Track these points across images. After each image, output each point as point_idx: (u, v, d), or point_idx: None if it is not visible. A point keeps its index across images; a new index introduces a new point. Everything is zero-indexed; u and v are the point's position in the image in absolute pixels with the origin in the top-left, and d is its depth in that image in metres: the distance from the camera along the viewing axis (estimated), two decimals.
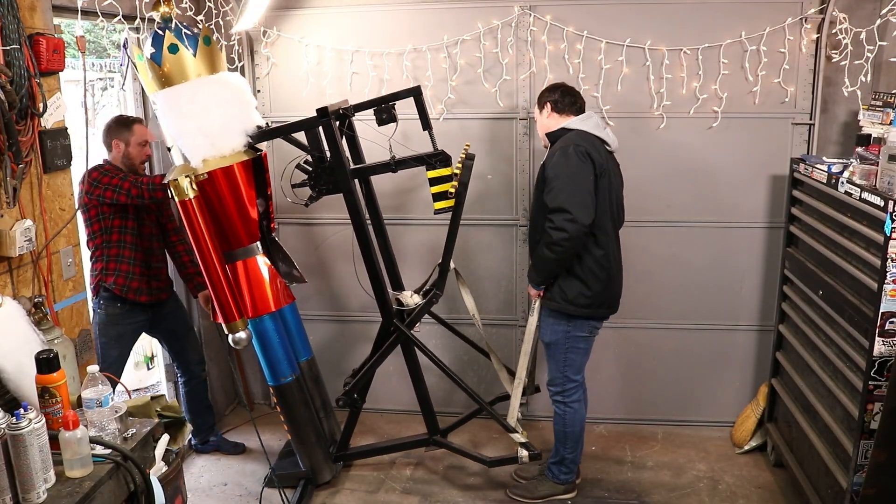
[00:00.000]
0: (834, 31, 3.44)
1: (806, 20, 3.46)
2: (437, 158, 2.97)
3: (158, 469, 2.10)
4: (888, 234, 2.40)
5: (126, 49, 3.42)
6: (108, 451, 1.81)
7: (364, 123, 3.39)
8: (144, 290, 3.29)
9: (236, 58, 3.74)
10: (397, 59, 3.69)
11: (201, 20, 3.49)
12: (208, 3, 3.51)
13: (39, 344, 2.01)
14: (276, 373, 3.21)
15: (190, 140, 2.84)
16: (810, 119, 3.58)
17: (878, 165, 2.60)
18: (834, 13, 3.40)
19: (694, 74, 3.55)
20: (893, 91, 3.02)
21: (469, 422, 3.64)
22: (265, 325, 3.13)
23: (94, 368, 1.88)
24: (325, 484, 3.48)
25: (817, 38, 3.47)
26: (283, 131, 3.04)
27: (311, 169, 3.07)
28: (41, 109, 2.33)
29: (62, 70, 2.49)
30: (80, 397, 1.89)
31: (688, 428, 3.97)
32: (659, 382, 3.97)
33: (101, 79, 4.85)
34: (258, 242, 3.12)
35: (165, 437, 2.19)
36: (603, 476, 3.55)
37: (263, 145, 3.16)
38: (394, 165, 3.01)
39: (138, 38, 2.90)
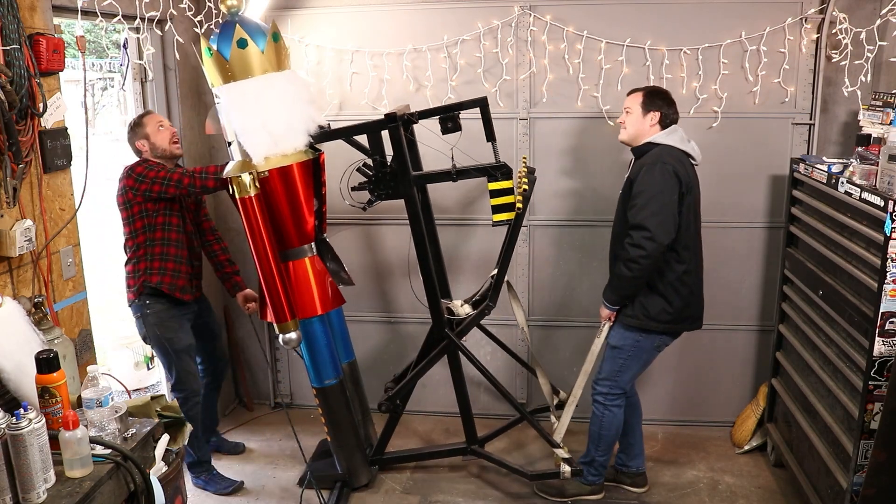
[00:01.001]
0: (834, 31, 3.44)
1: (806, 20, 3.46)
2: (500, 171, 2.95)
3: (158, 469, 2.10)
4: (888, 234, 2.40)
5: (126, 49, 3.42)
6: (108, 451, 1.81)
7: (423, 128, 3.35)
8: (189, 289, 3.29)
9: None
10: (397, 59, 3.69)
11: (200, 21, 3.50)
12: (208, 3, 3.51)
13: (39, 344, 2.01)
14: (320, 375, 3.20)
15: (253, 137, 2.79)
16: (810, 119, 3.58)
17: (878, 165, 2.60)
18: (834, 13, 3.40)
19: (694, 74, 3.55)
20: (893, 91, 3.02)
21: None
22: (314, 328, 3.11)
23: (94, 368, 1.88)
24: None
25: (817, 38, 3.47)
26: (346, 133, 3.03)
27: (371, 173, 3.05)
28: (41, 109, 2.33)
29: (62, 70, 2.49)
30: (80, 397, 1.89)
31: (688, 428, 3.97)
32: (659, 382, 3.97)
33: (101, 79, 4.86)
34: (311, 244, 3.09)
35: (165, 437, 2.19)
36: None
37: (323, 146, 3.12)
38: (455, 174, 3.00)
39: (209, 29, 2.83)
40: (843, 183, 2.78)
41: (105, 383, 1.90)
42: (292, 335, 2.91)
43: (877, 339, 2.50)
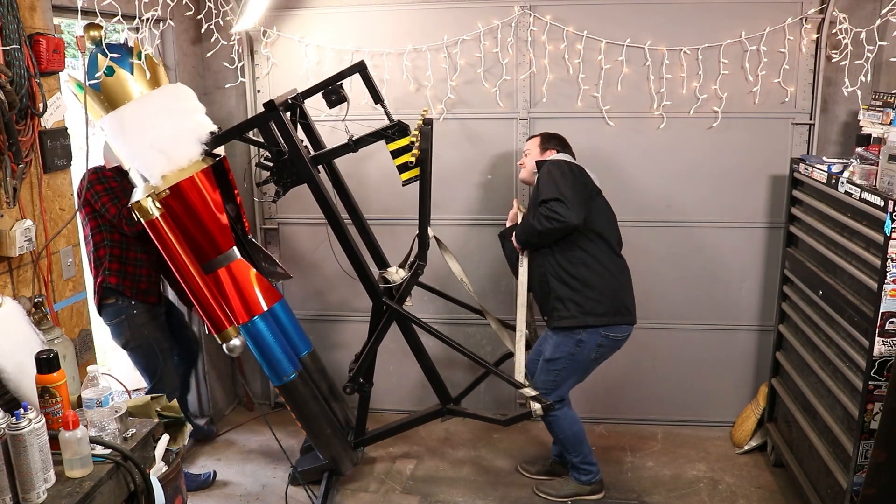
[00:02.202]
0: (834, 31, 3.44)
1: (806, 20, 3.46)
2: (394, 130, 2.97)
3: (158, 469, 2.10)
4: (888, 234, 2.40)
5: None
6: (108, 451, 1.81)
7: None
8: (153, 291, 3.29)
9: (236, 58, 3.74)
10: (397, 59, 3.69)
11: (200, 20, 3.50)
12: (208, 3, 3.51)
13: (39, 344, 2.02)
14: (278, 373, 3.19)
15: (144, 159, 2.76)
16: (810, 119, 3.58)
17: (878, 165, 2.60)
18: (834, 13, 3.40)
19: (694, 74, 3.55)
20: (893, 91, 3.02)
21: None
22: (258, 328, 3.11)
23: (94, 368, 1.88)
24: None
25: (817, 38, 3.47)
26: (236, 132, 3.01)
27: (271, 165, 3.06)
28: (41, 109, 2.33)
29: (62, 70, 2.49)
30: (80, 397, 1.89)
31: (688, 428, 3.97)
32: (659, 382, 3.97)
33: None
34: (233, 248, 3.08)
35: (165, 437, 2.19)
36: (603, 476, 3.54)
37: (222, 149, 3.13)
38: (353, 145, 3.00)
39: (81, 66, 2.82)
40: (843, 183, 2.78)
41: (105, 383, 1.89)
42: (235, 342, 2.90)
43: (877, 339, 2.50)
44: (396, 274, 3.28)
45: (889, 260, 2.41)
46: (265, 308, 3.10)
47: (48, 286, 2.44)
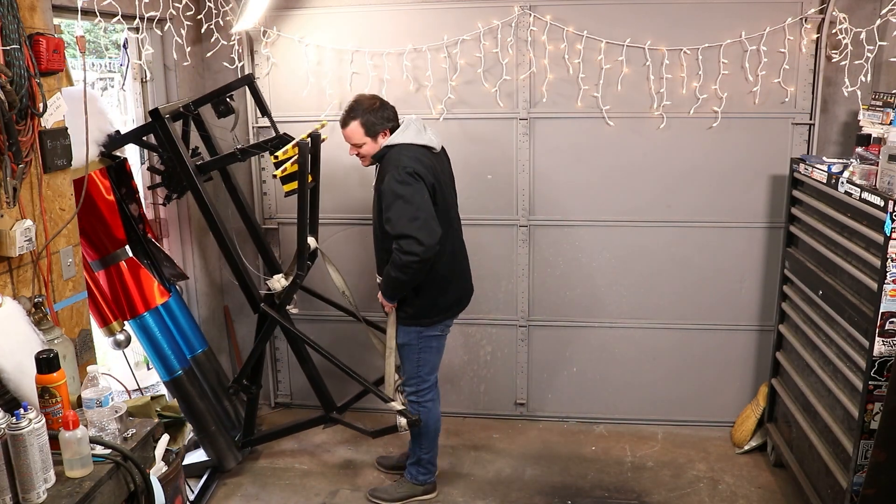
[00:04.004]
0: (834, 31, 3.44)
1: (806, 20, 3.46)
2: (275, 142, 3.07)
3: (158, 469, 2.10)
4: (888, 234, 2.40)
5: (126, 49, 3.42)
6: (108, 451, 1.81)
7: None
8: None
9: (236, 58, 3.74)
10: (397, 59, 3.69)
11: (200, 20, 3.50)
12: (208, 3, 3.51)
13: (39, 344, 2.01)
14: (167, 367, 3.31)
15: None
16: (810, 119, 3.58)
17: (878, 165, 2.60)
18: (834, 13, 3.40)
19: (694, 74, 3.55)
20: (893, 91, 3.02)
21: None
22: (147, 322, 3.22)
23: (94, 368, 1.88)
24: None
25: (817, 38, 3.47)
26: (130, 137, 3.15)
27: (163, 169, 3.23)
28: (41, 109, 2.32)
29: (62, 70, 2.49)
30: (80, 397, 1.89)
31: (688, 428, 3.97)
32: (659, 382, 3.96)
33: (101, 79, 4.85)
34: (125, 247, 3.17)
35: (165, 437, 2.20)
36: (603, 476, 3.55)
37: (124, 151, 3.27)
38: (239, 155, 3.13)
39: None
40: (843, 183, 2.78)
41: (105, 383, 1.90)
42: (119, 336, 3.07)
43: (877, 339, 2.50)
44: (277, 282, 3.31)
45: (889, 260, 2.41)
46: (157, 304, 3.22)
47: (48, 286, 2.44)
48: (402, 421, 3.24)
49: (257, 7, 3.55)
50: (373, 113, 2.97)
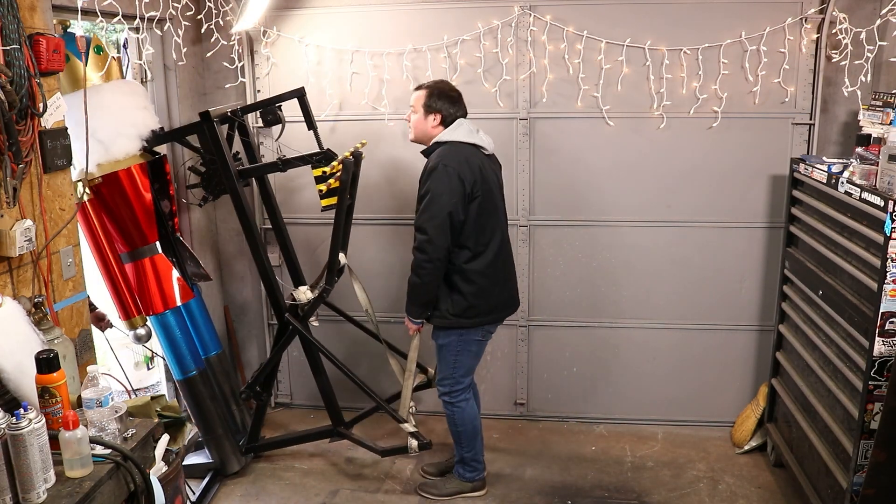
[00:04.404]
0: (834, 31, 3.44)
1: (806, 20, 3.46)
2: (319, 157, 3.07)
3: (158, 469, 2.10)
4: (888, 234, 2.40)
5: (126, 49, 3.42)
6: (108, 451, 1.81)
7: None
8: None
9: (236, 58, 3.74)
10: (397, 59, 3.69)
11: (200, 20, 3.49)
12: (208, 3, 3.51)
13: (39, 344, 2.01)
14: (182, 367, 3.31)
15: (82, 146, 2.83)
16: (810, 119, 3.58)
17: (878, 165, 2.60)
18: (834, 13, 3.40)
19: (694, 74, 3.55)
20: (893, 91, 3.02)
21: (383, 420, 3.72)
22: (168, 321, 3.24)
23: (94, 368, 1.88)
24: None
25: (817, 38, 3.47)
26: (175, 135, 3.20)
27: (203, 171, 3.26)
28: (41, 109, 2.32)
29: (62, 70, 2.49)
30: (80, 397, 1.89)
31: (688, 428, 3.97)
32: (659, 382, 3.96)
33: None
34: (155, 243, 3.19)
35: (165, 437, 2.20)
36: (603, 476, 3.55)
37: (164, 148, 3.30)
38: (281, 165, 3.15)
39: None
40: (843, 183, 2.78)
41: (105, 383, 1.89)
42: (141, 330, 3.12)
43: (877, 339, 2.50)
44: (304, 294, 3.33)
45: (889, 260, 2.41)
46: (179, 303, 3.24)
47: (48, 286, 2.44)
48: (414, 443, 3.24)
49: (257, 7, 3.55)
50: (440, 96, 3.06)
